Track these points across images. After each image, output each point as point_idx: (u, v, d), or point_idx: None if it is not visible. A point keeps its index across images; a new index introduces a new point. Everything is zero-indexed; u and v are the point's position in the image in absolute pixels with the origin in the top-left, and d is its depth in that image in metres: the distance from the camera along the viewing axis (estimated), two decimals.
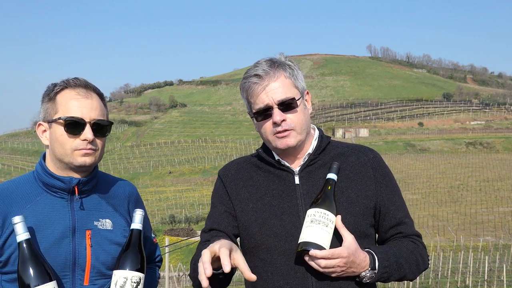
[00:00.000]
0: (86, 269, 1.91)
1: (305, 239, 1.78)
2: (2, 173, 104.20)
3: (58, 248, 1.87)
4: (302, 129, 1.93)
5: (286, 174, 1.97)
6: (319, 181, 1.93)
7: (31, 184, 1.95)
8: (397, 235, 1.98)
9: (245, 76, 1.96)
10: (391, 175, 2.04)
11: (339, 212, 1.85)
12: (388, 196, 1.98)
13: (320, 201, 1.83)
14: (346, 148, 2.04)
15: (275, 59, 1.96)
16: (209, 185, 76.79)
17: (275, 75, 1.90)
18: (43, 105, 1.95)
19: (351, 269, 1.78)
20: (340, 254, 1.74)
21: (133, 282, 1.76)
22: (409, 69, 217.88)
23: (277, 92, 1.89)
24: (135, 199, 2.15)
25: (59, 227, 1.89)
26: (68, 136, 1.89)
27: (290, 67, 1.95)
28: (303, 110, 1.95)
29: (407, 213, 2.02)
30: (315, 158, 1.98)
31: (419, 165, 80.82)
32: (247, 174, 2.04)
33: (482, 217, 49.34)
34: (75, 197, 1.94)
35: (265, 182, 1.99)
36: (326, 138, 2.03)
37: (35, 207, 1.89)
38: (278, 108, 1.89)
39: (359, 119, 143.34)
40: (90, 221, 1.95)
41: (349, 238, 1.79)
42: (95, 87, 1.98)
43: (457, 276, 24.79)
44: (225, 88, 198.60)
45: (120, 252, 1.86)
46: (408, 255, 1.91)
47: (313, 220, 1.79)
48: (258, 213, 1.94)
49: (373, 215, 1.96)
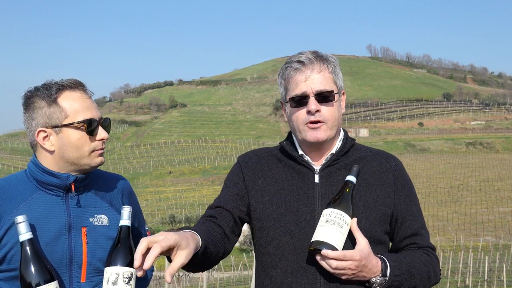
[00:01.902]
0: (82, 266, 1.90)
1: (318, 238, 1.77)
2: (2, 173, 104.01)
3: (54, 246, 1.85)
4: (333, 124, 1.91)
5: (307, 171, 1.95)
6: (338, 182, 1.91)
7: (24, 182, 1.91)
8: (411, 245, 1.96)
9: (287, 61, 1.94)
10: (411, 184, 2.03)
11: (355, 215, 1.84)
12: (406, 205, 1.96)
13: (337, 202, 1.82)
14: (369, 152, 2.03)
15: (321, 53, 1.95)
16: (209, 185, 76.78)
17: (319, 67, 1.90)
18: (40, 111, 1.87)
19: (362, 273, 1.77)
20: (352, 257, 1.73)
21: (125, 278, 1.77)
22: (409, 69, 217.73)
23: (317, 82, 1.88)
24: (128, 193, 2.14)
25: (55, 225, 1.87)
26: (89, 138, 1.88)
27: (333, 64, 1.95)
28: (338, 106, 1.94)
29: (424, 225, 2.00)
30: (337, 159, 1.96)
31: (419, 165, 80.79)
32: (267, 165, 2.02)
33: (482, 217, 49.34)
34: (70, 194, 1.92)
35: (284, 176, 1.97)
36: (350, 141, 2.01)
37: (30, 205, 1.86)
38: (315, 98, 1.88)
39: (359, 119, 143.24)
40: (85, 218, 1.93)
41: (363, 241, 1.78)
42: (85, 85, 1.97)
43: (457, 276, 24.76)
44: (225, 88, 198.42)
45: (110, 249, 1.86)
46: (420, 266, 1.89)
47: (328, 220, 1.78)
48: (273, 206, 1.92)
49: (389, 223, 1.94)
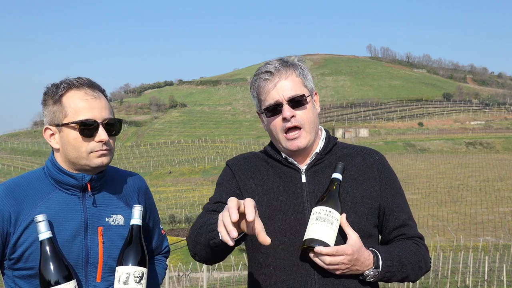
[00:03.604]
0: (98, 266, 1.90)
1: (310, 236, 1.80)
2: (2, 173, 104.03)
3: (71, 245, 1.85)
4: (311, 127, 1.95)
5: (293, 172, 1.99)
6: (325, 180, 1.95)
7: (42, 181, 1.91)
8: (400, 236, 2.01)
9: (256, 73, 1.99)
10: (396, 177, 2.07)
11: (344, 211, 1.88)
12: (392, 197, 2.00)
13: (325, 200, 1.86)
14: (352, 149, 2.07)
15: (286, 59, 2.00)
16: (209, 185, 76.72)
17: (286, 73, 1.94)
18: (48, 108, 1.88)
19: (355, 266, 1.81)
20: (345, 251, 1.77)
21: (136, 277, 1.78)
22: (409, 69, 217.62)
23: (287, 88, 1.92)
24: (144, 192, 2.14)
25: (72, 225, 1.87)
26: (83, 139, 1.84)
27: (300, 67, 1.99)
28: (312, 108, 1.98)
29: (411, 215, 2.05)
30: (322, 158, 2.00)
31: (419, 165, 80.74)
32: (255, 166, 2.07)
33: (482, 217, 49.32)
34: (87, 194, 1.91)
35: (271, 177, 2.01)
36: (333, 139, 2.07)
37: (47, 205, 1.86)
38: (288, 105, 1.92)
39: (359, 119, 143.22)
40: (101, 217, 1.93)
41: (354, 236, 1.82)
42: (99, 84, 1.93)
43: (457, 276, 24.77)
44: (225, 88, 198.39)
45: (121, 248, 1.86)
46: (411, 256, 1.93)
47: (318, 217, 1.81)
48: (263, 207, 1.94)
49: (377, 216, 1.98)
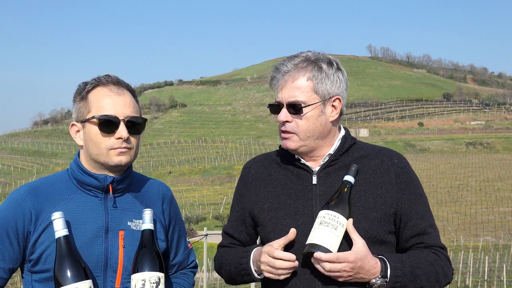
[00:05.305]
0: (118, 270, 1.85)
1: (312, 241, 1.74)
2: (2, 173, 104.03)
3: (91, 247, 1.82)
4: (306, 136, 1.87)
5: (305, 173, 1.93)
6: (337, 182, 1.87)
7: (66, 182, 1.91)
8: (418, 245, 1.90)
9: (276, 66, 1.94)
10: (417, 182, 1.95)
11: (353, 216, 1.79)
12: (410, 204, 1.89)
13: (333, 203, 1.78)
14: (371, 150, 1.97)
15: (310, 57, 1.89)
16: (209, 185, 76.75)
17: (296, 76, 1.86)
18: (75, 105, 1.91)
19: (359, 275, 1.72)
20: (346, 259, 1.69)
21: (152, 283, 1.72)
22: (409, 69, 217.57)
23: (291, 92, 1.86)
24: (169, 200, 2.12)
25: (92, 226, 1.84)
26: (103, 135, 1.84)
27: (320, 69, 1.87)
28: (316, 117, 1.87)
29: (432, 223, 1.93)
30: (336, 159, 1.92)
31: (419, 165, 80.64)
32: (266, 172, 2.02)
33: (482, 217, 49.32)
34: (109, 196, 1.90)
35: (283, 180, 1.97)
36: (350, 140, 1.97)
37: (69, 205, 1.85)
38: (287, 108, 1.87)
39: (359, 119, 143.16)
40: (123, 221, 1.90)
41: (360, 243, 1.74)
42: (127, 83, 1.94)
43: (457, 276, 24.75)
44: (225, 88, 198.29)
45: (135, 255, 1.81)
46: (426, 267, 1.82)
47: (322, 222, 1.75)
48: (273, 212, 1.92)
49: (393, 222, 1.88)
